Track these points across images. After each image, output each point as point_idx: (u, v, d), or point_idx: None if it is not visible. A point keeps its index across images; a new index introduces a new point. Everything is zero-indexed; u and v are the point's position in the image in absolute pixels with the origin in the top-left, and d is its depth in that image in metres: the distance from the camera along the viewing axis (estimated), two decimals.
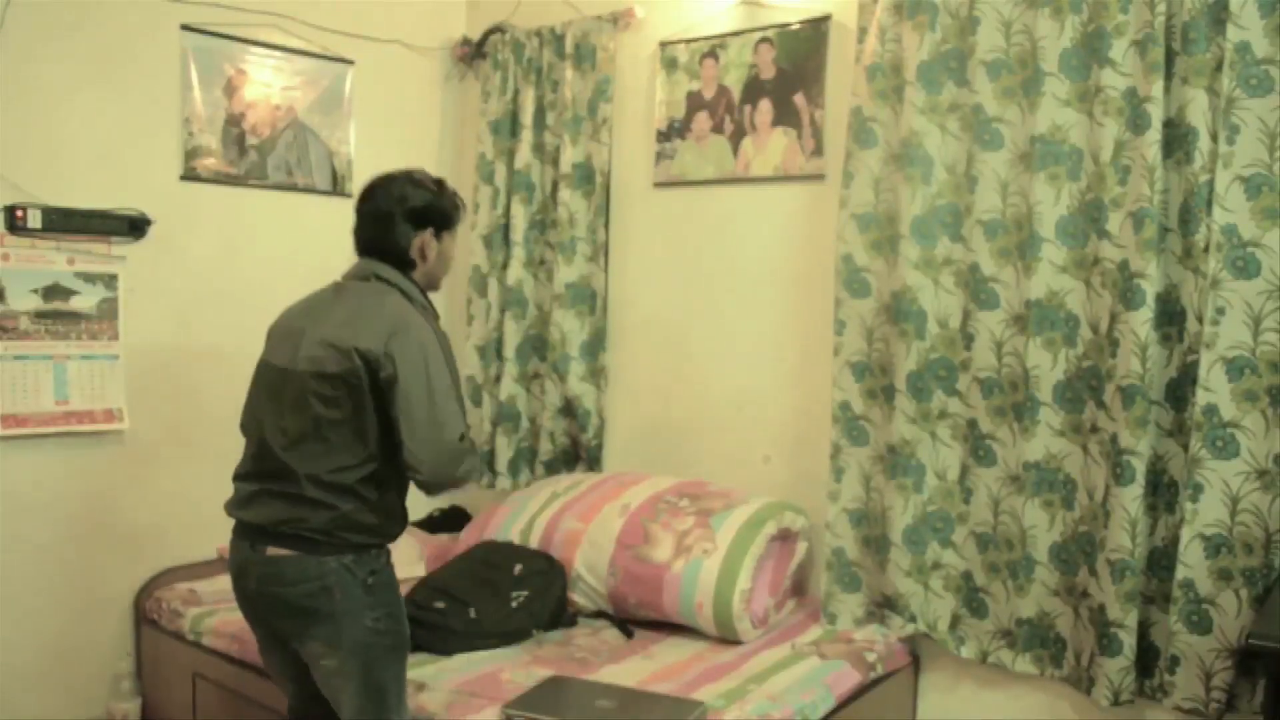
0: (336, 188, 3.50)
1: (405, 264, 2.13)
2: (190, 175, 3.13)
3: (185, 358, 3.13)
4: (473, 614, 2.57)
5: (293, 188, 3.39)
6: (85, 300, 2.91)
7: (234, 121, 3.23)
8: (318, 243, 3.45)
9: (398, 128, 3.69)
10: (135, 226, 2.98)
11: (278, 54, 3.31)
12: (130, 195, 2.98)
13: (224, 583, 3.03)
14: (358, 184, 3.45)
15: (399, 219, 2.10)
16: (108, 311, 2.95)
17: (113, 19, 2.93)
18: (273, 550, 1.98)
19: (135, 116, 3.00)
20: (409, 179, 2.15)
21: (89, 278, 2.91)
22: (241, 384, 2.18)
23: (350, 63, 3.50)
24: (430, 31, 3.74)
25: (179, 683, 2.88)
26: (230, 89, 3.21)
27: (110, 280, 2.95)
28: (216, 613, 2.82)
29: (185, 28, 3.08)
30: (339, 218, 3.48)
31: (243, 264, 3.26)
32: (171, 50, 3.07)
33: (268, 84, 3.30)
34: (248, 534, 2.04)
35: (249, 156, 3.27)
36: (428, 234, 2.13)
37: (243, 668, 2.64)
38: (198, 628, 2.81)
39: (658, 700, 2.21)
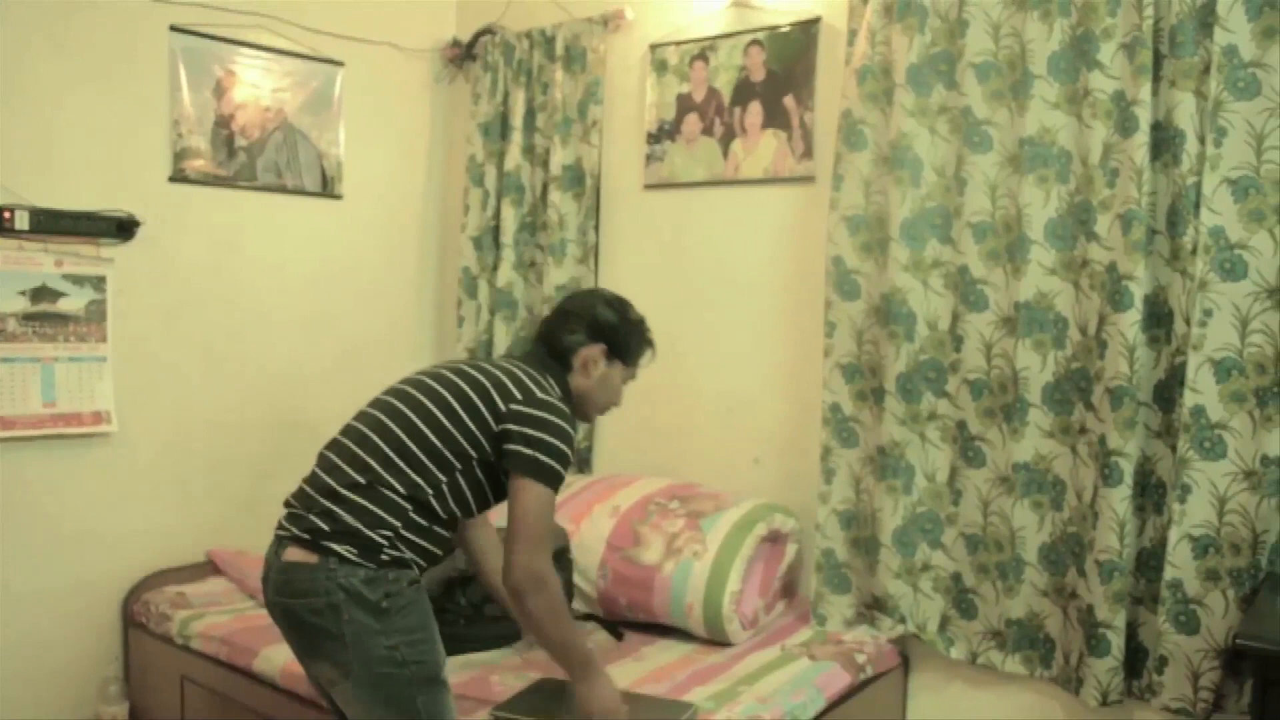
0: (326, 189, 3.49)
1: (565, 365, 2.09)
2: (179, 177, 3.12)
3: (174, 360, 3.11)
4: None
5: (282, 189, 3.38)
6: (73, 302, 2.89)
7: (223, 123, 3.22)
8: (307, 244, 3.45)
9: (388, 129, 3.68)
10: (123, 228, 2.96)
11: (267, 55, 3.30)
12: (119, 197, 2.97)
13: (212, 585, 3.05)
14: (347, 185, 3.52)
15: (579, 322, 2.09)
16: (96, 313, 2.94)
17: (101, 20, 2.92)
18: None
19: (124, 118, 2.99)
20: (606, 299, 2.15)
21: (77, 279, 2.90)
22: (232, 385, 2.16)
23: (340, 64, 3.49)
24: (420, 33, 3.73)
25: (167, 686, 2.86)
26: (219, 90, 3.20)
27: (98, 282, 2.94)
28: (205, 616, 2.81)
29: (174, 29, 3.07)
30: (328, 219, 3.52)
31: (232, 266, 3.25)
32: (160, 51, 3.06)
33: (257, 85, 3.29)
34: None
35: (238, 158, 3.26)
36: (598, 349, 2.09)
37: (231, 671, 2.62)
38: (186, 631, 2.79)
39: (648, 702, 2.20)
